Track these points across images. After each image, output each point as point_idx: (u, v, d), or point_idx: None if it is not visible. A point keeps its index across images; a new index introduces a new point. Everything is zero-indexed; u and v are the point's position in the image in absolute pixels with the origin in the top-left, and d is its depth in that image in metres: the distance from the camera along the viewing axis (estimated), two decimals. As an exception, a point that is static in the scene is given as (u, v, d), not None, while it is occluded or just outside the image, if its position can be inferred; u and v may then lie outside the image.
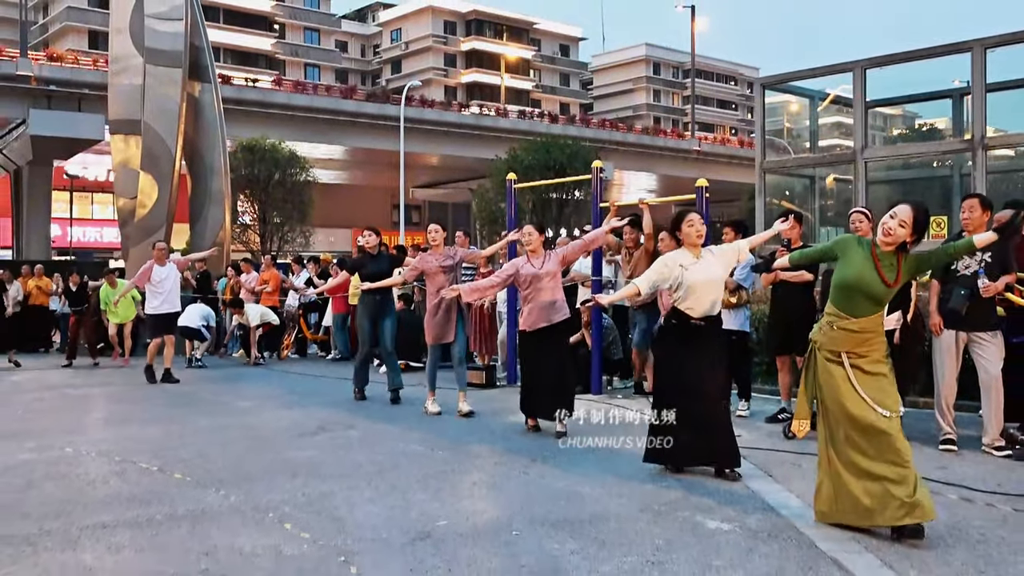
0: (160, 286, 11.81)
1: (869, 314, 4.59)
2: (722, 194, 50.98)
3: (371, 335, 9.60)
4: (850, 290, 4.59)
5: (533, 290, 7.53)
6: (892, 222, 4.47)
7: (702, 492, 5.46)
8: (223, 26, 63.00)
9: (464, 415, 8.41)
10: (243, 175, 29.75)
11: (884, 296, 4.60)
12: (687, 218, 5.95)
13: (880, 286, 4.53)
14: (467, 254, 9.13)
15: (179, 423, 8.43)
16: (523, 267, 7.64)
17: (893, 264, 4.53)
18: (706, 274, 5.82)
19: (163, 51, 17.17)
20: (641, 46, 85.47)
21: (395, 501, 5.34)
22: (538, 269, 7.56)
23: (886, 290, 4.56)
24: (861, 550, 4.32)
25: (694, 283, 5.80)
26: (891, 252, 4.53)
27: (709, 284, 5.83)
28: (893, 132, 39.79)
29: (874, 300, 4.58)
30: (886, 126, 42.85)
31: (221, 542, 4.53)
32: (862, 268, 4.55)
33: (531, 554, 4.31)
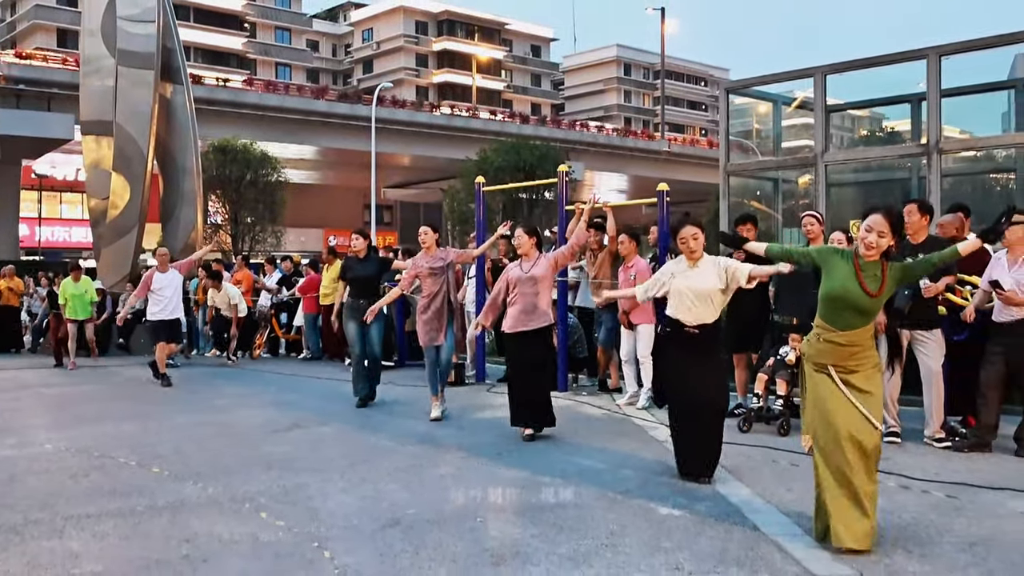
0: (160, 293, 11.80)
1: (856, 327, 4.51)
2: (691, 195, 51.58)
3: (359, 340, 9.46)
4: (835, 303, 4.52)
5: (518, 293, 7.47)
6: (871, 236, 4.41)
7: (657, 482, 5.77)
8: (194, 25, 62.82)
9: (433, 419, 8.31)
10: (215, 175, 29.83)
11: (869, 307, 4.50)
12: (679, 234, 5.96)
13: (864, 298, 4.45)
14: (459, 255, 8.98)
15: (155, 420, 8.65)
16: (512, 270, 7.60)
17: (877, 274, 4.47)
18: (692, 282, 5.84)
19: (135, 53, 17.26)
20: (612, 47, 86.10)
21: (366, 492, 5.61)
22: (525, 272, 7.51)
23: (870, 301, 4.48)
24: (801, 533, 4.64)
25: (677, 289, 5.89)
26: (875, 262, 4.48)
27: (693, 292, 5.82)
28: (862, 134, 40.41)
29: (860, 312, 4.50)
30: (854, 128, 43.50)
31: (200, 530, 4.79)
32: (845, 280, 4.48)
33: (494, 538, 4.60)
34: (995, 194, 18.34)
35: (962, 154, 18.53)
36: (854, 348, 4.52)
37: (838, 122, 45.00)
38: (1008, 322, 6.63)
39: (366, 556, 4.34)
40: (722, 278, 5.85)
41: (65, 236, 46.36)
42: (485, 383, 10.97)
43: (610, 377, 10.07)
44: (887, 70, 15.47)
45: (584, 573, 4.06)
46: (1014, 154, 15.99)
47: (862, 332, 4.52)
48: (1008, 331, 6.63)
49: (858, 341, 4.52)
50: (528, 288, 7.45)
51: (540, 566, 4.17)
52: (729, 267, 5.90)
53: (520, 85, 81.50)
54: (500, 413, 8.63)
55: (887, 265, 4.48)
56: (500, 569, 4.14)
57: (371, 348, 9.48)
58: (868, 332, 4.56)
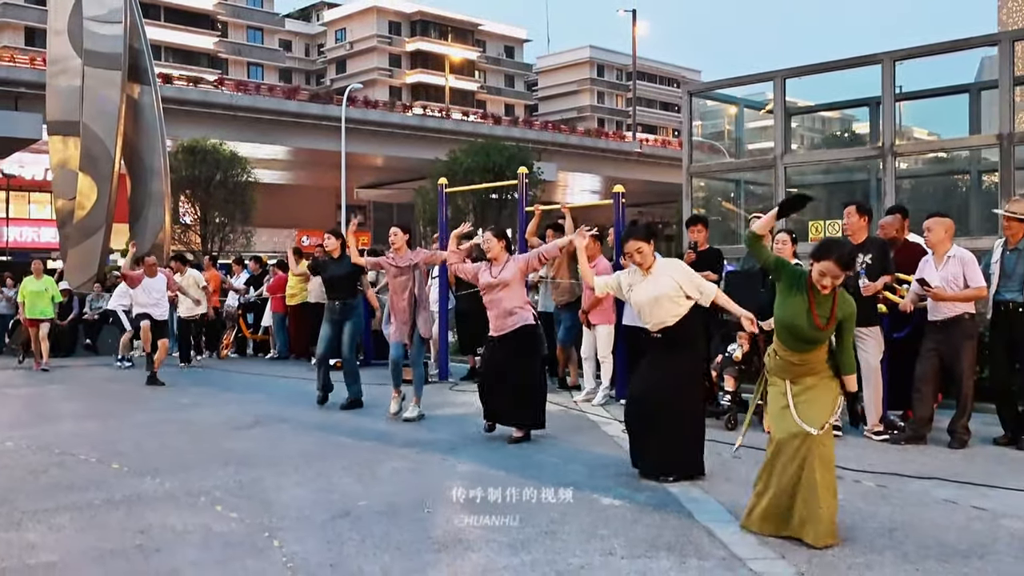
0: (151, 292, 12.00)
1: (809, 351, 4.64)
2: (662, 195, 52.01)
3: (331, 340, 9.44)
4: (787, 331, 4.65)
5: (492, 298, 7.43)
6: (826, 280, 4.51)
7: (603, 475, 5.98)
8: (164, 24, 62.43)
9: (407, 419, 8.33)
10: (184, 176, 29.78)
11: (818, 338, 4.61)
12: (625, 247, 6.05)
13: (812, 330, 4.56)
14: (428, 256, 8.94)
15: (117, 419, 8.77)
16: (482, 275, 7.57)
17: (829, 306, 4.57)
18: (646, 292, 5.88)
19: (102, 53, 17.31)
20: (585, 48, 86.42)
21: (320, 485, 5.79)
22: (493, 278, 7.43)
23: (819, 332, 4.57)
24: (732, 520, 4.86)
25: (635, 301, 5.98)
26: (828, 295, 4.58)
27: (648, 301, 5.87)
28: (833, 135, 40.86)
29: (810, 341, 4.62)
30: (824, 129, 43.98)
31: (155, 522, 4.94)
32: (796, 311, 4.59)
33: (439, 528, 4.79)
34: (956, 195, 18.72)
35: (929, 155, 18.99)
36: (807, 366, 4.67)
37: (810, 124, 45.56)
38: (941, 320, 6.90)
39: (314, 545, 4.51)
40: (678, 285, 5.84)
41: (34, 236, 45.93)
42: (448, 381, 11.14)
43: (569, 375, 10.29)
44: (853, 73, 15.81)
45: (522, 559, 4.26)
46: (968, 155, 16.37)
47: (816, 353, 4.65)
48: (941, 328, 6.91)
49: (810, 360, 4.66)
50: (498, 293, 7.40)
51: (480, 552, 4.36)
52: (693, 280, 5.90)
53: (494, 86, 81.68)
54: (460, 411, 8.86)
55: (838, 294, 4.59)
56: (441, 555, 4.33)
57: (343, 349, 9.43)
58: (821, 352, 4.66)
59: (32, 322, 13.79)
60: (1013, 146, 13.02)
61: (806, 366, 4.67)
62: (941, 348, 6.94)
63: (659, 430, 5.81)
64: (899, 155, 14.35)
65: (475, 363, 11.39)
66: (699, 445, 5.91)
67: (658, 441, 5.82)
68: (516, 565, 4.16)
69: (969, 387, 6.97)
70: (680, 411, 5.84)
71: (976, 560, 4.22)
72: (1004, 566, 4.14)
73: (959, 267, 6.81)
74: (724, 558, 4.26)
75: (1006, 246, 6.93)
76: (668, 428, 5.80)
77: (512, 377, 7.25)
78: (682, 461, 5.84)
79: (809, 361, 4.66)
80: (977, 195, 16.14)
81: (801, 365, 4.67)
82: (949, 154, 17.97)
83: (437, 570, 4.12)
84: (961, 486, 5.63)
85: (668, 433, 5.81)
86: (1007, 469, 6.12)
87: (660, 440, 5.81)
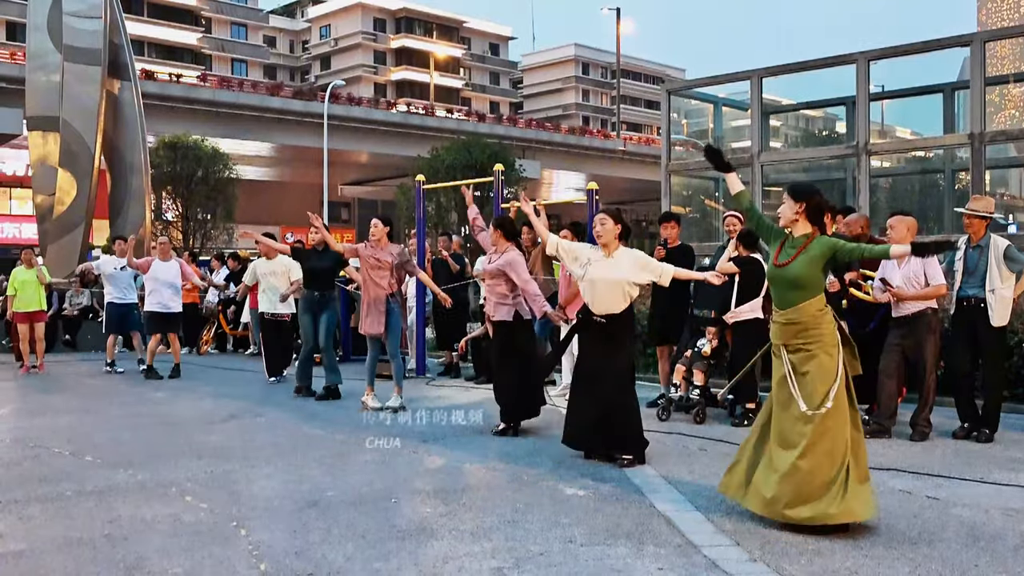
0: (157, 282, 11.58)
1: (791, 303, 4.67)
2: (646, 193, 52.25)
3: (312, 331, 9.70)
4: (768, 281, 4.88)
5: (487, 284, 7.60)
6: (780, 208, 4.78)
7: (569, 466, 6.09)
8: (147, 20, 62.21)
9: (391, 408, 8.39)
10: (165, 172, 29.76)
11: (778, 279, 4.71)
12: (594, 220, 6.33)
13: (772, 270, 4.71)
14: (411, 265, 8.90)
15: (94, 413, 8.81)
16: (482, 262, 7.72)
17: (795, 247, 4.69)
18: (603, 272, 6.08)
19: (82, 49, 17.32)
20: (570, 46, 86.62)
21: (290, 477, 5.87)
22: (485, 266, 7.61)
23: (776, 271, 4.69)
24: (692, 509, 4.98)
25: (590, 278, 6.14)
26: (802, 236, 4.71)
27: (604, 282, 6.08)
28: (812, 134, 41.17)
29: (780, 286, 4.71)
30: (806, 127, 44.27)
31: (124, 512, 5.01)
32: (769, 257, 4.76)
33: (404, 517, 4.88)
34: (931, 193, 18.96)
35: (904, 154, 19.22)
36: (796, 326, 4.66)
37: (793, 122, 45.77)
38: (904, 316, 7.04)
39: (280, 533, 4.60)
40: (636, 271, 6.12)
41: (15, 232, 45.70)
42: (425, 376, 11.23)
43: (543, 370, 10.37)
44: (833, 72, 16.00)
45: (482, 546, 4.35)
46: (943, 154, 16.59)
47: (800, 310, 4.64)
48: (905, 324, 7.05)
49: (797, 319, 4.65)
50: (488, 281, 7.53)
51: (443, 540, 4.46)
52: (650, 265, 6.22)
53: (479, 83, 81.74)
54: (433, 404, 8.94)
55: (813, 239, 4.68)
56: (404, 543, 4.42)
57: (319, 338, 9.66)
58: (808, 310, 4.64)
59: (23, 317, 12.58)
60: (984, 145, 13.23)
61: (794, 325, 4.67)
62: (905, 343, 7.08)
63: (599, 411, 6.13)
64: (873, 154, 14.55)
65: (453, 358, 11.49)
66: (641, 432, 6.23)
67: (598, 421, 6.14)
68: (476, 552, 4.26)
69: (932, 381, 7.12)
70: (621, 404, 6.16)
71: (924, 547, 4.34)
72: (950, 553, 4.26)
73: (920, 265, 6.94)
74: (680, 545, 4.37)
75: (968, 243, 7.07)
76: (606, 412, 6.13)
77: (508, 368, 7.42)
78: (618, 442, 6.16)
79: (794, 319, 4.67)
80: (951, 193, 16.36)
81: (788, 325, 4.69)
82: (925, 153, 18.22)
83: (399, 557, 4.21)
84: (917, 477, 5.76)
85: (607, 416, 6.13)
86: (963, 461, 6.26)
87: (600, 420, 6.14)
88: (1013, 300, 7.03)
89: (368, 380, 8.74)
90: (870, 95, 14.40)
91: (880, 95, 16.14)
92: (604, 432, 6.16)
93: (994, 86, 24.60)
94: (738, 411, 7.88)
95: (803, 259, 4.66)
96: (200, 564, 4.13)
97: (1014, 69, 31.10)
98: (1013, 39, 30.83)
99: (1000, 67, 30.01)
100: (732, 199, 5.11)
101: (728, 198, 17.75)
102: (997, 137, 14.43)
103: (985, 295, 6.87)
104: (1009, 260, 6.86)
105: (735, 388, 7.94)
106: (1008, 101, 28.45)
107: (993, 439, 6.94)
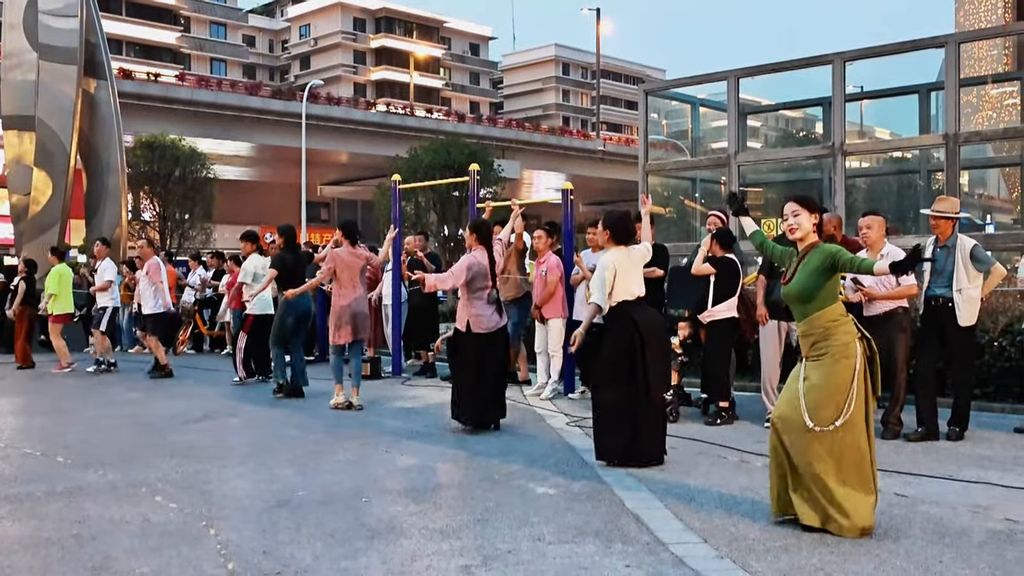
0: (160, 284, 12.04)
1: (803, 317, 4.69)
2: (625, 193, 52.30)
3: (293, 331, 9.80)
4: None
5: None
6: (789, 220, 4.71)
7: (541, 465, 6.10)
8: (125, 18, 61.83)
9: (357, 408, 8.57)
10: (143, 172, 29.60)
11: (788, 297, 4.73)
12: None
13: (783, 288, 4.74)
14: (370, 257, 9.09)
15: (67, 414, 8.76)
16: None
17: (796, 261, 4.72)
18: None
19: (58, 47, 17.20)
20: (550, 46, 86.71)
21: (261, 476, 5.86)
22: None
23: (784, 290, 4.72)
24: (661, 507, 5.00)
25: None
26: (805, 248, 4.72)
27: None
28: (790, 134, 41.33)
29: (791, 303, 4.73)
30: (786, 128, 44.44)
31: (94, 512, 4.99)
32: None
33: (374, 516, 4.89)
34: (907, 193, 19.09)
35: (881, 154, 19.37)
36: (810, 337, 4.66)
37: (773, 123, 45.99)
38: (876, 315, 7.09)
39: (249, 532, 4.59)
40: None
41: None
42: (400, 376, 11.23)
43: (519, 370, 10.41)
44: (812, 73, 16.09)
45: (452, 545, 4.36)
46: (919, 155, 16.73)
47: (810, 321, 4.64)
48: (876, 323, 7.08)
49: (809, 331, 4.65)
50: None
51: (412, 539, 4.46)
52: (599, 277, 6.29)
53: (459, 83, 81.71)
54: (409, 404, 8.97)
55: (812, 250, 4.67)
56: (373, 542, 4.42)
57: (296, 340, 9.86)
58: (817, 321, 4.62)
59: (63, 317, 12.82)
60: (959, 146, 13.35)
61: (808, 336, 4.67)
62: (876, 342, 7.11)
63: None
64: (849, 154, 14.65)
65: (428, 358, 11.50)
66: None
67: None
68: (445, 550, 4.27)
69: (903, 379, 7.18)
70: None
71: (890, 543, 4.38)
72: (915, 548, 4.30)
73: (891, 264, 7.00)
74: (648, 543, 4.39)
75: (936, 243, 7.14)
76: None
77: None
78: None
79: (808, 331, 4.66)
80: (926, 193, 16.49)
81: (805, 336, 4.69)
82: (902, 153, 18.37)
83: (368, 556, 4.22)
84: (887, 474, 5.80)
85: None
86: (933, 459, 6.32)
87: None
88: (981, 300, 7.11)
89: (337, 379, 8.84)
90: (846, 96, 14.48)
91: (857, 96, 16.25)
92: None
93: (971, 87, 24.85)
94: (711, 410, 7.91)
95: (801, 273, 4.68)
96: (168, 564, 4.12)
97: (992, 70, 31.37)
98: (990, 40, 31.13)
99: (978, 68, 30.34)
100: (747, 238, 5.23)
101: (708, 197, 17.88)
102: (971, 138, 14.55)
103: (953, 295, 6.94)
104: (976, 260, 6.94)
105: (708, 387, 8.01)
106: (985, 102, 28.86)
107: (963, 437, 7.00)
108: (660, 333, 6.32)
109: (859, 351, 4.64)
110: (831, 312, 4.64)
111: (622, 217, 6.43)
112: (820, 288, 4.62)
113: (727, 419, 7.71)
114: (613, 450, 6.03)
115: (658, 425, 6.10)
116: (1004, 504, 5.07)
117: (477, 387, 7.41)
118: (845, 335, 4.62)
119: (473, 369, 7.41)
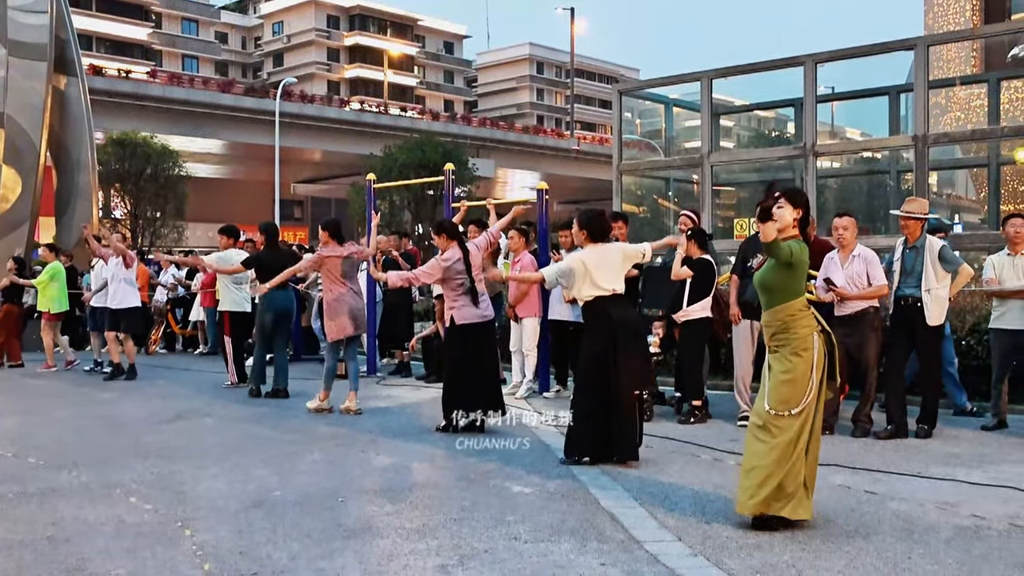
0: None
1: (766, 308, 4.77)
2: (599, 192, 52.40)
3: (273, 330, 9.74)
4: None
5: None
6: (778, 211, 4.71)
7: (517, 464, 6.14)
8: (96, 14, 61.11)
9: (356, 413, 8.37)
10: (113, 169, 29.32)
11: (756, 284, 4.88)
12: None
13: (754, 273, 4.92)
14: (357, 250, 8.93)
15: (38, 415, 8.69)
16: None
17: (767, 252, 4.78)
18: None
19: (27, 44, 17.00)
20: (525, 45, 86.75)
21: (236, 477, 5.85)
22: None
23: (755, 276, 4.89)
24: (636, 505, 5.06)
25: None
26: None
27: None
28: (762, 135, 41.57)
29: (759, 291, 4.84)
30: (759, 128, 44.73)
31: (68, 514, 4.96)
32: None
33: (350, 516, 4.90)
34: (877, 194, 19.27)
35: (851, 155, 19.56)
36: (771, 327, 4.76)
37: (745, 123, 46.18)
38: (847, 315, 7.19)
39: (225, 533, 4.59)
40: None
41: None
42: (375, 376, 11.21)
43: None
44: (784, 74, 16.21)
45: (428, 544, 4.39)
46: (889, 155, 16.90)
47: (775, 312, 4.71)
48: (847, 322, 7.18)
49: (771, 321, 4.75)
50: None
51: (388, 539, 4.48)
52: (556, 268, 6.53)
53: (433, 81, 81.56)
54: (384, 404, 8.97)
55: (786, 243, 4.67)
56: (349, 542, 4.44)
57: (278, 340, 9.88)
58: (778, 315, 4.70)
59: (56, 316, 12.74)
60: (927, 147, 13.50)
61: (769, 327, 4.77)
62: (847, 341, 7.20)
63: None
64: (820, 155, 14.77)
65: (403, 358, 11.50)
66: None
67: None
68: (421, 550, 4.29)
69: (873, 378, 7.29)
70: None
71: (860, 540, 4.46)
72: (885, 545, 4.38)
73: (863, 266, 7.12)
74: (623, 541, 4.44)
75: (905, 244, 7.24)
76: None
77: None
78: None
79: (768, 322, 4.76)
80: (896, 194, 16.65)
81: (767, 325, 4.79)
82: (872, 154, 18.54)
83: (344, 556, 4.23)
84: (856, 472, 5.90)
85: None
86: (902, 456, 6.42)
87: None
88: (949, 300, 7.23)
89: (327, 386, 8.60)
90: (818, 97, 14.60)
91: (828, 97, 16.38)
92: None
93: (940, 89, 25.10)
94: (685, 408, 7.98)
95: (768, 264, 4.77)
96: (143, 565, 4.12)
97: (960, 72, 31.67)
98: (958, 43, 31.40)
99: (947, 70, 30.67)
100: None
101: (682, 197, 17.97)
102: (940, 139, 14.73)
103: (921, 295, 7.05)
104: (944, 261, 7.05)
105: (682, 386, 8.07)
106: (953, 104, 29.23)
107: (932, 435, 7.11)
108: (637, 331, 6.37)
109: (818, 343, 4.72)
110: (791, 307, 4.70)
111: (597, 216, 6.48)
112: (780, 281, 4.71)
113: (700, 418, 7.77)
114: (585, 447, 6.08)
115: (633, 423, 6.14)
116: (971, 501, 5.17)
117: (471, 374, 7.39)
118: (803, 328, 4.70)
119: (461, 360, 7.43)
